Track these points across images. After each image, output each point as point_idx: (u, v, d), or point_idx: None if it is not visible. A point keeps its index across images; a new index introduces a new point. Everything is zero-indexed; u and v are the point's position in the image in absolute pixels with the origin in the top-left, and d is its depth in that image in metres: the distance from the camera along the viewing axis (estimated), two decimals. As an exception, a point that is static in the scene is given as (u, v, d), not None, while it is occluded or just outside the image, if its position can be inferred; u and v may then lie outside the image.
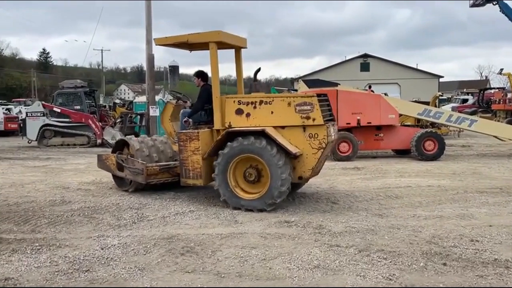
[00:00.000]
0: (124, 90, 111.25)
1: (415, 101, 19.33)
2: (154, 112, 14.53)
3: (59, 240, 5.09)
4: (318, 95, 6.81)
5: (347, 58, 51.94)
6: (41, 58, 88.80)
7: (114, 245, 4.89)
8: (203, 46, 7.39)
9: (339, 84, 14.86)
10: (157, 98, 17.07)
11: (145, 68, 18.18)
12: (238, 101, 6.81)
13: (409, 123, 15.72)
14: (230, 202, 6.73)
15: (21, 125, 19.16)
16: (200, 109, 7.63)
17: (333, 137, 6.83)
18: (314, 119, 6.45)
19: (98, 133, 17.99)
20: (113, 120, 20.04)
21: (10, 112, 26.69)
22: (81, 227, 5.66)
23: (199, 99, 7.68)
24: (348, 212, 6.53)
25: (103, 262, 4.38)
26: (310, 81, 16.40)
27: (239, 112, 6.77)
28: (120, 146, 8.26)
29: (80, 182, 9.04)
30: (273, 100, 6.66)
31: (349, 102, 12.83)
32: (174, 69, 37.17)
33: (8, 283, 3.86)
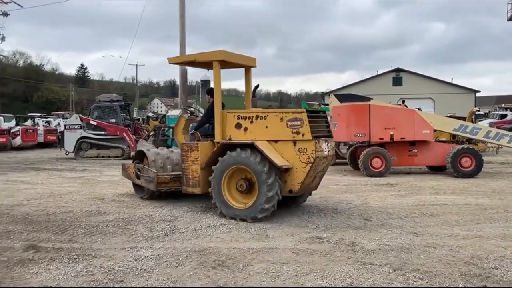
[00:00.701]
0: (157, 103, 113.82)
1: (450, 116, 18.82)
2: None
3: (95, 250, 5.21)
4: (315, 112, 7.24)
5: (379, 73, 51.37)
6: (79, 73, 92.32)
7: (147, 257, 4.96)
8: (210, 65, 7.67)
9: (372, 99, 14.67)
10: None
11: (177, 83, 18.61)
12: (237, 116, 7.20)
13: (444, 139, 15.30)
14: (224, 211, 7.04)
15: (60, 137, 19.86)
16: (206, 123, 7.93)
17: (326, 152, 6.99)
18: (303, 134, 6.68)
19: (132, 145, 18.41)
20: (146, 133, 20.47)
21: (49, 125, 27.74)
22: (115, 238, 5.78)
23: (206, 114, 8.02)
24: (381, 229, 6.38)
25: (136, 273, 4.44)
26: (342, 95, 16.28)
27: (238, 126, 7.16)
28: (141, 156, 8.77)
29: (114, 193, 9.26)
30: (267, 116, 6.97)
31: (382, 116, 12.66)
32: (205, 83, 37.69)
33: (46, 291, 3.97)
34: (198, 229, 6.28)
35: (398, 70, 48.61)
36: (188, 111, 9.50)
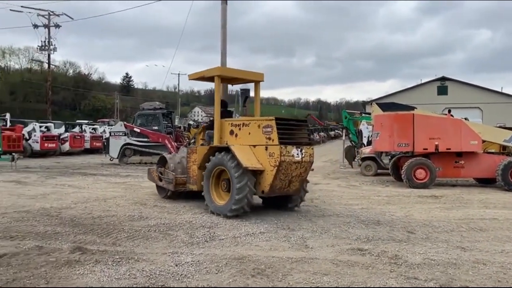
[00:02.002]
0: (198, 112, 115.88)
1: (500, 127, 17.97)
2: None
3: (137, 254, 5.32)
4: (291, 120, 7.87)
5: (423, 81, 49.93)
6: (124, 82, 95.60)
7: (188, 262, 5.01)
8: (223, 80, 8.81)
9: (416, 108, 14.26)
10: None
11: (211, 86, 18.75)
12: (231, 124, 8.10)
13: (493, 150, 14.61)
14: (209, 206, 7.93)
15: (105, 143, 20.56)
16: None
17: (297, 158, 7.43)
18: (273, 140, 7.31)
19: (174, 152, 18.78)
20: (187, 140, 20.86)
21: (95, 131, 28.83)
22: (157, 243, 5.88)
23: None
24: (426, 242, 6.15)
25: (177, 279, 4.49)
26: (385, 104, 15.94)
27: (231, 133, 8.04)
28: (163, 162, 9.83)
29: (156, 199, 9.46)
30: (250, 123, 7.74)
31: (426, 126, 12.28)
32: (245, 91, 37.86)
33: (91, 292, 4.08)
34: (237, 237, 6.29)
35: (443, 78, 47.01)
36: (210, 120, 10.16)
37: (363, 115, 21.78)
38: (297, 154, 7.44)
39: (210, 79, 8.68)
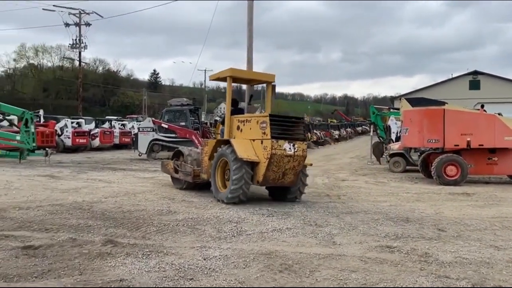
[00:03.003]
0: (224, 108, 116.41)
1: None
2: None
3: (166, 247, 5.41)
4: (286, 117, 8.57)
5: (453, 76, 48.56)
6: (152, 78, 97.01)
7: (216, 257, 5.07)
8: (236, 80, 9.63)
9: (446, 103, 13.91)
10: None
11: (243, 87, 18.87)
12: (238, 120, 8.87)
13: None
14: (214, 194, 8.74)
15: (134, 139, 20.93)
16: None
17: (289, 152, 8.04)
18: (267, 134, 8.00)
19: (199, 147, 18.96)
20: (213, 136, 21.04)
21: (124, 127, 29.39)
22: (185, 237, 5.97)
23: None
24: (457, 241, 6.01)
25: (205, 272, 4.55)
26: (414, 99, 15.62)
27: (237, 128, 8.84)
28: (177, 155, 10.72)
29: (184, 194, 9.59)
30: (251, 120, 8.50)
31: (458, 122, 11.97)
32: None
33: (122, 284, 4.19)
34: (264, 232, 6.31)
35: (475, 73, 45.59)
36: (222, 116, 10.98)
37: (391, 110, 21.41)
38: (289, 148, 8.07)
39: (224, 79, 9.33)
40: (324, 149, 30.87)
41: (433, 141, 12.27)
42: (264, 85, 10.03)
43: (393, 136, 20.14)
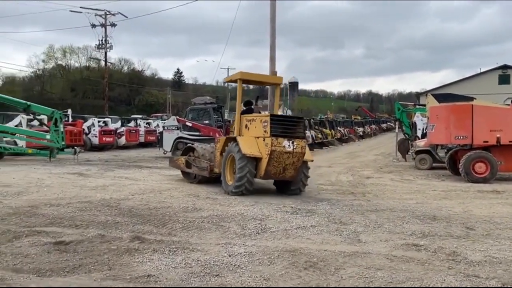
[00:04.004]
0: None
1: None
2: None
3: (192, 244, 5.49)
4: (286, 117, 9.89)
5: (482, 71, 47.25)
6: (175, 77, 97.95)
7: (241, 253, 5.11)
8: (246, 82, 10.59)
9: (475, 99, 13.56)
10: (278, 113, 17.52)
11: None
12: (246, 119, 9.59)
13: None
14: (224, 187, 9.44)
15: (159, 137, 21.20)
16: None
17: (288, 148, 8.72)
18: (267, 132, 8.72)
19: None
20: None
21: (149, 126, 29.84)
22: (210, 234, 6.04)
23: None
24: (487, 239, 5.88)
25: (231, 269, 4.60)
26: (441, 95, 15.30)
27: (245, 126, 9.56)
28: (186, 151, 11.56)
29: (208, 191, 9.69)
30: (256, 119, 9.25)
31: (487, 118, 11.66)
32: (293, 85, 37.91)
33: (149, 279, 4.28)
34: (288, 229, 6.32)
35: (505, 67, 44.24)
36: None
37: (417, 106, 21.02)
38: (289, 145, 8.75)
39: (236, 81, 10.16)
40: (348, 146, 30.57)
41: (461, 137, 11.99)
42: (287, 83, 10.32)
43: (419, 133, 19.77)
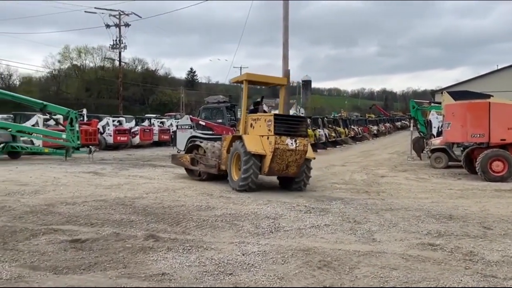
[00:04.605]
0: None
1: None
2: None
3: (206, 242, 5.51)
4: (290, 116, 10.39)
5: (499, 67, 46.38)
6: (189, 77, 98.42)
7: (254, 252, 5.11)
8: (252, 83, 10.88)
9: (492, 96, 13.32)
10: (291, 112, 17.49)
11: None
12: (252, 119, 9.99)
13: None
14: (230, 183, 9.81)
15: (172, 136, 21.32)
16: None
17: (291, 146, 9.11)
18: (271, 131, 9.12)
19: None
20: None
21: (163, 125, 30.03)
22: (223, 232, 6.05)
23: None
24: (505, 239, 5.77)
25: (244, 268, 4.60)
26: (456, 93, 15.07)
27: (251, 125, 9.94)
28: (191, 149, 11.82)
29: (221, 190, 9.71)
30: (260, 118, 9.66)
31: (504, 115, 11.48)
32: (306, 83, 37.88)
33: (164, 278, 4.30)
34: (302, 228, 6.30)
35: (523, 63, 43.29)
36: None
37: (432, 104, 20.75)
38: (291, 143, 9.13)
39: (242, 82, 10.53)
40: (362, 144, 30.34)
41: (478, 135, 11.81)
42: (300, 81, 10.38)
43: (434, 131, 19.50)
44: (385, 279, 4.30)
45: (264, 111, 11.22)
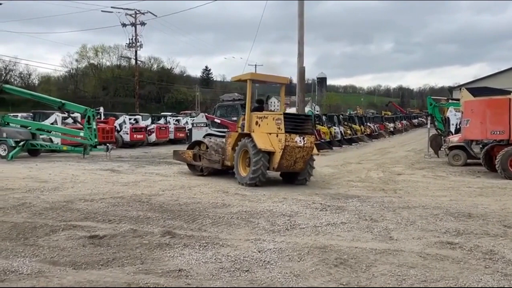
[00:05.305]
0: (274, 102, 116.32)
1: None
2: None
3: (222, 239, 5.53)
4: (296, 115, 10.87)
5: (519, 63, 45.34)
6: (204, 75, 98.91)
7: (270, 249, 5.11)
8: (255, 82, 11.31)
9: (512, 92, 13.03)
10: (306, 109, 17.43)
11: (294, 81, 18.69)
12: (257, 117, 10.22)
13: None
14: (238, 178, 10.19)
15: (188, 134, 21.44)
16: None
17: (300, 143, 9.54)
18: (281, 129, 9.50)
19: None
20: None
21: (179, 123, 30.23)
22: (239, 229, 6.07)
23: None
24: (526, 238, 5.65)
25: (260, 265, 4.60)
26: (475, 89, 14.79)
27: (256, 123, 10.21)
28: (193, 145, 12.16)
29: (237, 187, 9.74)
30: (267, 117, 9.99)
31: (525, 112, 11.18)
32: (321, 80, 37.72)
33: (181, 274, 4.33)
34: (318, 226, 6.27)
35: (544, 59, 42.25)
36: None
37: (450, 101, 20.42)
38: (300, 140, 9.57)
39: (245, 81, 10.72)
40: (379, 142, 30.06)
41: (498, 132, 11.58)
42: (315, 78, 10.38)
43: (452, 128, 19.20)
44: (402, 278, 4.25)
45: (271, 110, 11.84)
